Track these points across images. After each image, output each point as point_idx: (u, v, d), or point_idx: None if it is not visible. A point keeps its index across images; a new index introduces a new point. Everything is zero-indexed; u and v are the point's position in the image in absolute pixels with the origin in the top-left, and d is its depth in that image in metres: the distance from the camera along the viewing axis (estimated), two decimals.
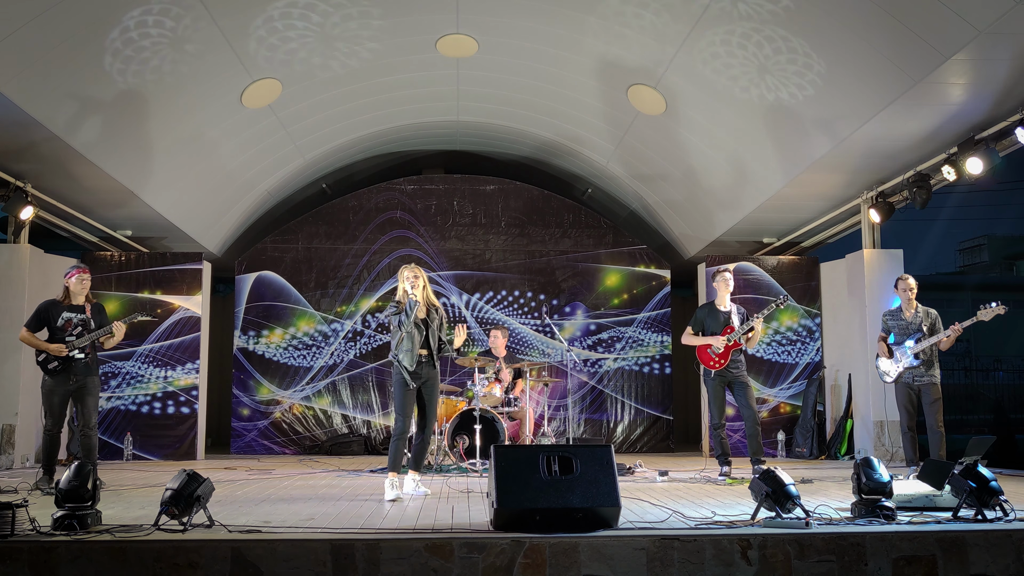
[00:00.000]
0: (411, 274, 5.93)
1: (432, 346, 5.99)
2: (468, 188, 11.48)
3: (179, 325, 9.93)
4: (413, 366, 5.87)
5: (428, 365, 5.98)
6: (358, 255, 11.23)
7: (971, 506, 4.57)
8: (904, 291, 7.18)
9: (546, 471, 4.31)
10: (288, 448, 10.74)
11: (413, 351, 5.87)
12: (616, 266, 11.42)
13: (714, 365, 7.19)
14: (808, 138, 8.05)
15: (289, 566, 3.83)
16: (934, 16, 5.76)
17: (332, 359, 11.00)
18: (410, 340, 5.87)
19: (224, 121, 8.86)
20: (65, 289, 6.47)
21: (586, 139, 10.58)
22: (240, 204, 10.77)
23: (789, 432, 10.23)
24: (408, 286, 5.90)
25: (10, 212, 8.42)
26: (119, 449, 9.52)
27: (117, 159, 8.13)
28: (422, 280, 5.95)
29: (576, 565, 3.92)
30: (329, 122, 9.98)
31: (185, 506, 4.22)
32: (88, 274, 6.54)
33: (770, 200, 9.43)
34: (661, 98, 8.78)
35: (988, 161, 7.22)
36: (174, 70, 7.59)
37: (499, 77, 9.52)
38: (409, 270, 5.96)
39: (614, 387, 11.17)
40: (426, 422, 6.06)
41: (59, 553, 3.81)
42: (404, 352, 5.87)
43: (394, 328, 5.95)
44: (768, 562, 3.99)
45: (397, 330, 5.90)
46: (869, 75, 6.75)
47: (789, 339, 10.46)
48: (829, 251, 11.18)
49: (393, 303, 6.00)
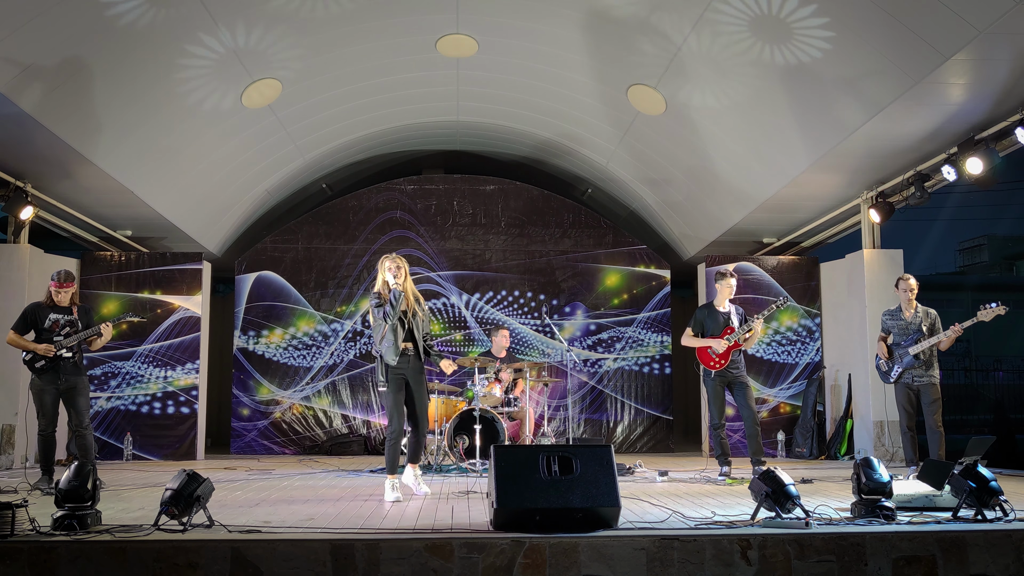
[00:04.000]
0: (393, 264, 5.73)
1: (417, 339, 5.79)
2: (468, 188, 11.48)
3: (179, 325, 9.93)
4: (396, 361, 5.70)
5: (413, 358, 5.80)
6: (358, 255, 11.23)
7: (971, 506, 4.57)
8: (905, 291, 7.18)
9: (546, 471, 4.31)
10: (288, 448, 10.74)
11: (396, 345, 5.69)
12: (616, 266, 11.42)
13: (714, 365, 7.19)
14: (808, 138, 8.05)
15: (289, 566, 3.83)
16: (934, 16, 5.76)
17: (332, 359, 10.99)
18: (393, 334, 5.67)
19: (224, 121, 8.86)
20: (49, 292, 6.49)
21: (586, 139, 10.58)
22: (240, 204, 10.77)
23: (789, 432, 10.23)
24: (390, 276, 5.71)
25: (10, 212, 8.42)
26: (119, 449, 9.52)
27: (117, 159, 8.13)
28: (404, 270, 5.75)
29: (576, 565, 3.92)
30: (329, 122, 9.98)
31: (185, 506, 4.22)
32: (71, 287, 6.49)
33: (770, 200, 9.43)
34: (661, 98, 8.78)
35: (988, 161, 7.21)
36: (174, 70, 7.59)
37: (499, 77, 9.52)
38: (391, 260, 5.76)
39: (614, 387, 11.17)
40: (417, 419, 5.87)
41: (59, 553, 3.81)
42: (387, 347, 5.69)
43: (377, 321, 5.73)
44: (768, 562, 3.99)
45: (381, 323, 5.69)
46: (869, 75, 6.75)
47: (789, 339, 10.45)
48: (829, 251, 11.18)
49: (374, 294, 5.78)
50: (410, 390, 5.83)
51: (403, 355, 5.76)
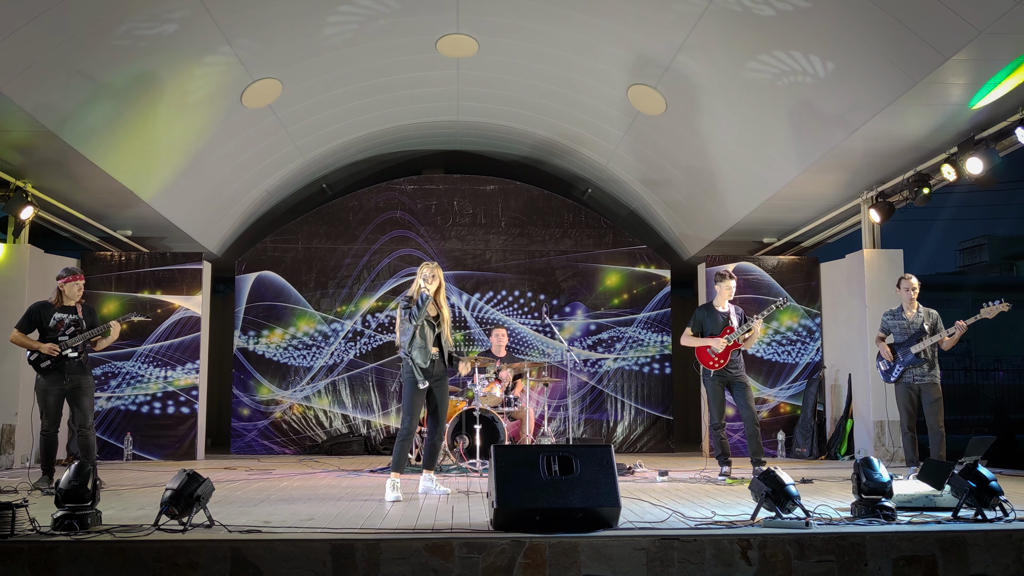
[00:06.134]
0: (429, 272, 5.85)
1: (443, 346, 5.91)
2: (468, 188, 11.48)
3: (179, 325, 9.93)
4: (427, 363, 5.79)
5: (439, 363, 5.91)
6: (358, 255, 11.23)
7: (971, 506, 4.57)
8: (906, 291, 7.18)
9: (546, 471, 4.31)
10: (288, 448, 10.74)
11: (427, 348, 5.78)
12: (616, 266, 11.42)
13: (713, 365, 7.19)
14: (808, 138, 8.05)
15: (289, 566, 3.82)
16: (934, 16, 5.76)
17: (332, 359, 11.00)
18: (423, 337, 5.78)
19: (224, 121, 8.86)
20: (58, 292, 6.47)
21: (586, 139, 10.58)
22: (240, 204, 10.77)
23: (789, 432, 10.23)
24: (423, 282, 5.82)
25: (10, 212, 8.42)
26: (119, 449, 9.52)
27: (117, 159, 8.13)
28: (438, 280, 5.87)
29: (576, 565, 3.92)
30: (329, 122, 9.98)
31: (185, 506, 4.21)
32: (81, 279, 6.53)
33: (770, 200, 9.43)
34: (661, 98, 8.78)
35: (988, 161, 7.21)
36: (174, 70, 7.59)
37: (499, 77, 9.52)
38: (428, 268, 5.87)
39: (614, 387, 11.17)
40: (438, 421, 5.98)
41: (59, 553, 3.81)
42: (417, 349, 5.78)
43: (403, 323, 5.84)
44: (768, 562, 3.99)
45: (408, 324, 5.79)
46: (869, 75, 6.75)
47: (789, 339, 10.45)
48: (829, 251, 11.17)
49: (405, 297, 5.95)
50: (433, 395, 5.93)
51: (432, 359, 5.85)
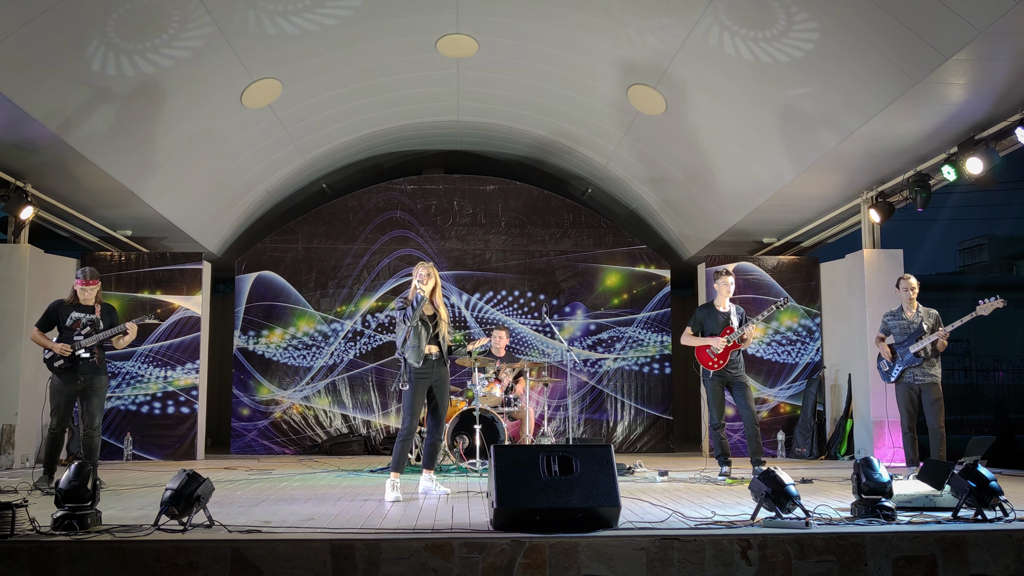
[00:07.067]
0: (424, 272, 5.86)
1: (441, 344, 5.91)
2: (468, 188, 11.48)
3: (179, 325, 9.93)
4: (420, 363, 5.81)
5: (438, 363, 5.91)
6: (358, 255, 11.23)
7: (971, 506, 4.57)
8: (906, 290, 7.18)
9: (546, 471, 4.31)
10: (288, 448, 10.74)
11: (420, 348, 5.80)
12: (616, 266, 11.42)
13: (713, 365, 7.19)
14: (808, 138, 8.05)
15: (289, 566, 3.82)
16: (934, 16, 5.76)
17: (332, 359, 11.00)
18: (416, 336, 5.79)
19: (224, 121, 8.85)
20: (73, 291, 6.51)
21: (586, 139, 10.58)
22: (240, 204, 10.77)
23: (789, 432, 10.23)
24: (417, 282, 5.84)
25: (10, 212, 8.42)
26: (119, 449, 9.52)
27: (117, 159, 8.13)
28: (434, 280, 5.88)
29: (576, 565, 3.91)
30: (329, 122, 9.98)
31: (185, 506, 4.21)
32: (96, 284, 6.54)
33: (770, 200, 9.43)
34: (661, 98, 8.78)
35: (988, 161, 7.21)
36: (174, 70, 7.59)
37: (499, 77, 9.52)
38: (423, 268, 5.89)
39: (614, 387, 11.17)
40: (438, 421, 6.00)
41: (59, 553, 3.81)
42: (410, 349, 5.80)
43: (399, 324, 5.87)
44: (768, 562, 3.98)
45: (403, 325, 5.83)
46: (869, 75, 6.75)
47: (789, 339, 10.45)
48: (829, 251, 11.17)
49: (401, 298, 5.98)
50: (433, 394, 5.95)
51: (426, 359, 5.85)
